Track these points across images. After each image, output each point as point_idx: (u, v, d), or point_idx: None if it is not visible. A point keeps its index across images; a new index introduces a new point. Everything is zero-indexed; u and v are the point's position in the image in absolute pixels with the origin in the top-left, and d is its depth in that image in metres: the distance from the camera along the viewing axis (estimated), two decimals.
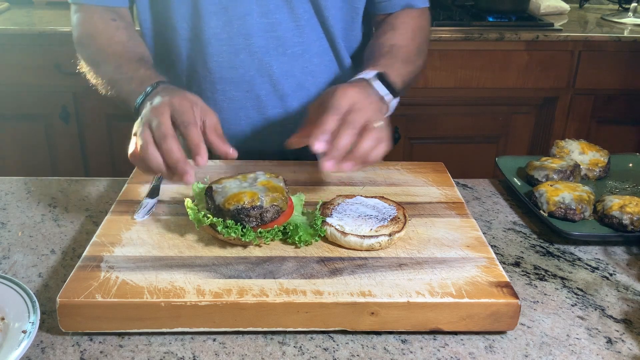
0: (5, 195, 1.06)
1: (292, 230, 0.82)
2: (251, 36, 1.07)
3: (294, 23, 1.08)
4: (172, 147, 0.77)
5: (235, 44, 1.07)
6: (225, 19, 1.06)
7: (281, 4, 1.06)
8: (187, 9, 1.06)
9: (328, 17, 1.10)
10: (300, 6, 1.07)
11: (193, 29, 1.08)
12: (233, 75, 1.11)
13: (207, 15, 1.05)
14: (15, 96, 2.22)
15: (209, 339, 0.73)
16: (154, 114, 0.80)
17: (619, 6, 2.53)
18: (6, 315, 0.72)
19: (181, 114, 0.80)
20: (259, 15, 1.06)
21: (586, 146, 1.14)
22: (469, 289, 0.74)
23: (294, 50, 1.10)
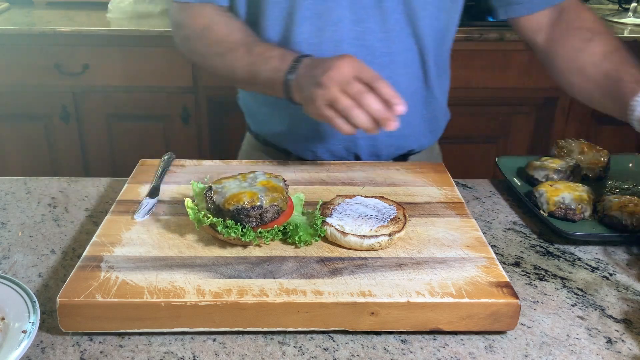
0: (5, 195, 1.06)
1: (292, 230, 0.82)
2: (341, 43, 1.07)
3: (384, 33, 1.07)
4: (371, 101, 0.86)
5: (325, 50, 1.06)
6: (318, 25, 1.06)
7: (373, 13, 1.05)
8: (280, 12, 1.07)
9: (421, 27, 1.08)
10: (392, 16, 1.06)
11: (284, 32, 1.08)
12: None
13: (300, 20, 1.05)
14: (15, 96, 2.22)
15: (209, 339, 0.73)
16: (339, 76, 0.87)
17: (619, 6, 2.53)
18: (6, 315, 0.72)
19: (365, 71, 0.88)
20: (351, 22, 1.05)
21: (586, 146, 1.14)
22: (469, 289, 0.74)
23: (382, 60, 1.09)
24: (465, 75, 2.20)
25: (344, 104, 0.87)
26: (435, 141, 1.29)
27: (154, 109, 2.29)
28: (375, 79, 0.88)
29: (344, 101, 0.87)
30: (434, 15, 1.08)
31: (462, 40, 2.13)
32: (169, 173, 1.04)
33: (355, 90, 0.87)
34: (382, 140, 1.15)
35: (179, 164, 1.08)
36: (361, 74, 0.88)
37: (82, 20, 2.25)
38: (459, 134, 2.32)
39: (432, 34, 1.11)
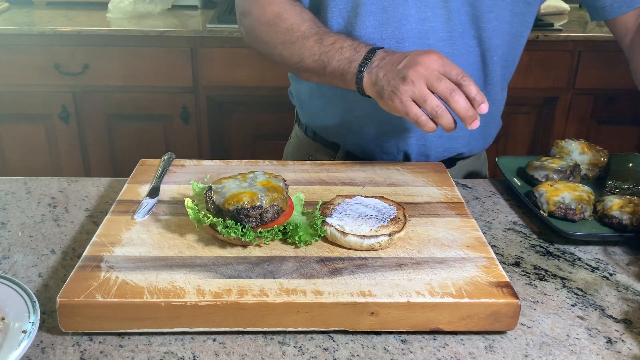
0: (5, 195, 1.06)
1: (292, 230, 0.82)
2: (404, 41, 1.06)
3: (447, 34, 1.07)
4: (461, 99, 0.86)
5: (387, 46, 1.05)
6: (382, 20, 1.05)
7: (439, 13, 1.05)
8: (345, 5, 1.06)
9: (487, 29, 1.07)
10: (457, 17, 1.06)
11: (347, 25, 1.08)
12: None
13: (364, 14, 1.05)
14: (15, 96, 2.22)
15: (209, 339, 0.73)
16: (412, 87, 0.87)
17: None
18: (6, 315, 0.72)
19: (452, 68, 0.88)
20: (416, 21, 1.05)
21: (586, 146, 1.14)
22: (469, 289, 0.74)
23: None
24: None
25: (433, 102, 0.87)
26: (484, 148, 1.29)
27: (154, 109, 2.29)
28: (462, 76, 0.87)
29: (433, 100, 0.87)
30: (502, 18, 1.07)
31: None
32: (169, 173, 1.04)
33: (444, 88, 0.87)
34: (433, 141, 1.15)
35: (179, 164, 1.08)
36: (448, 71, 0.88)
37: (82, 20, 2.25)
38: None
39: (499, 37, 1.09)
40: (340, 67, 0.98)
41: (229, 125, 2.35)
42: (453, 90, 0.86)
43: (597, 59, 2.22)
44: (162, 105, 2.28)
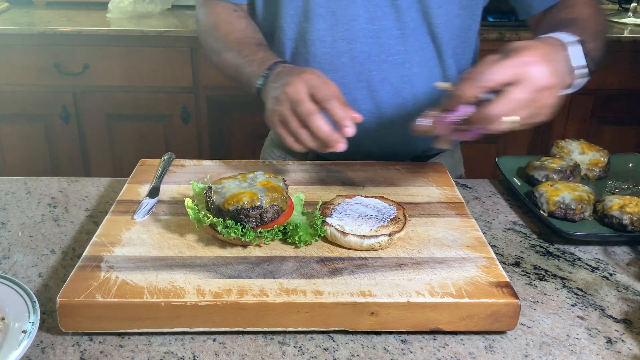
0: (5, 195, 1.06)
1: (292, 230, 0.82)
2: (355, 41, 1.07)
3: (399, 31, 1.07)
4: (319, 123, 0.84)
5: (338, 47, 1.08)
6: (332, 22, 1.06)
7: (388, 12, 1.06)
8: (295, 11, 1.08)
9: (438, 25, 1.07)
10: (408, 14, 1.06)
11: (300, 29, 1.09)
12: (332, 77, 1.10)
13: (314, 18, 1.07)
14: (15, 96, 2.22)
15: (209, 339, 0.73)
16: (292, 94, 0.86)
17: (619, 6, 2.53)
18: (6, 315, 0.72)
19: (319, 89, 0.86)
20: (365, 21, 1.06)
21: (586, 146, 1.14)
22: (469, 289, 0.74)
23: (395, 59, 1.09)
24: None
25: (293, 124, 0.87)
26: (456, 145, 1.29)
27: (154, 109, 2.29)
28: (328, 99, 0.85)
29: (293, 122, 0.87)
30: (452, 12, 1.08)
31: None
32: (169, 173, 1.04)
33: (304, 111, 0.85)
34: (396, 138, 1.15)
35: (179, 164, 1.08)
36: (315, 92, 0.86)
37: (82, 20, 2.25)
38: None
39: (450, 31, 1.10)
40: (248, 80, 1.00)
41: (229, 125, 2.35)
42: (311, 114, 0.85)
43: None
44: (162, 105, 2.28)
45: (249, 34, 1.10)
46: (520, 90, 0.74)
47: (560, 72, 0.78)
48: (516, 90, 0.74)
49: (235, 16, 1.13)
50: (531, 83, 0.74)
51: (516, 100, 0.74)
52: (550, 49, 0.80)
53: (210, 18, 1.15)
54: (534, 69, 0.74)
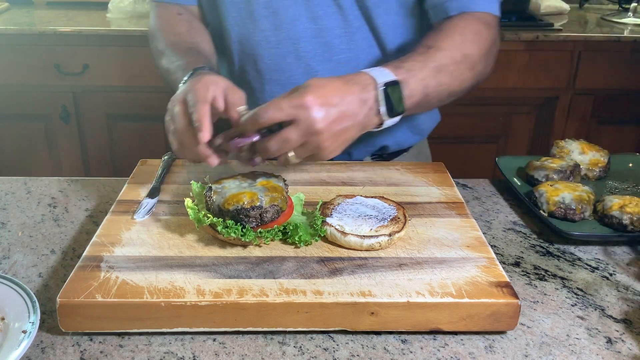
0: (5, 195, 1.06)
1: (292, 230, 0.82)
2: (299, 41, 1.07)
3: (343, 30, 1.07)
4: (184, 138, 0.81)
5: (284, 47, 1.08)
6: (276, 23, 1.06)
7: (331, 11, 1.05)
8: (239, 13, 1.08)
9: (379, 24, 1.07)
10: (351, 13, 1.06)
11: (244, 31, 1.09)
12: (280, 77, 1.11)
13: (258, 19, 1.07)
14: (15, 96, 2.22)
15: (209, 339, 0.73)
16: (173, 103, 0.84)
17: (619, 6, 2.53)
18: (6, 315, 0.72)
19: (191, 95, 0.81)
20: (308, 20, 1.06)
21: (586, 146, 1.14)
22: (469, 289, 0.74)
23: (341, 57, 1.09)
24: None
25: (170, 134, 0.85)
26: (417, 141, 1.27)
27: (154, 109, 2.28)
28: (193, 104, 0.80)
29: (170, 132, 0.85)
30: (390, 10, 1.07)
31: None
32: (169, 173, 1.04)
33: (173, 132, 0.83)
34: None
35: (179, 164, 1.07)
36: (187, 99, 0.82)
37: (82, 20, 2.25)
38: (459, 134, 2.33)
39: (392, 29, 1.09)
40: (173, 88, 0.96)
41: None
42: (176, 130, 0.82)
43: (597, 59, 2.22)
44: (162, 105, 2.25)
45: (185, 39, 1.07)
46: (292, 131, 0.76)
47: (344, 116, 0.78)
48: (289, 130, 0.76)
49: (177, 19, 1.11)
50: (303, 126, 0.76)
51: (287, 140, 0.77)
52: (344, 90, 0.79)
53: (156, 20, 1.13)
54: (309, 113, 0.75)
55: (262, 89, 1.14)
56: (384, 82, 0.82)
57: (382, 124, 0.84)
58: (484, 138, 2.35)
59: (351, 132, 0.80)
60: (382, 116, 0.82)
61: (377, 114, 0.82)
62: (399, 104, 0.83)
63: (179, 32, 1.09)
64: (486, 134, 2.35)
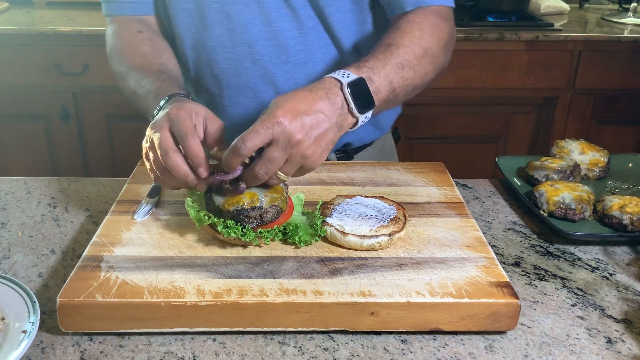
0: (5, 195, 1.06)
1: (292, 230, 0.82)
2: (254, 44, 1.07)
3: (297, 31, 1.07)
4: (175, 161, 0.78)
5: (239, 51, 1.08)
6: (229, 28, 1.06)
7: (284, 13, 1.05)
8: (191, 19, 1.07)
9: (333, 22, 1.07)
10: (304, 14, 1.06)
11: (198, 37, 1.09)
12: (238, 81, 1.11)
13: (211, 24, 1.06)
14: (15, 96, 2.22)
15: (209, 339, 0.73)
16: (154, 130, 0.81)
17: (619, 6, 2.53)
18: (6, 315, 0.72)
19: (178, 125, 0.79)
20: (262, 23, 1.05)
21: (586, 146, 1.14)
22: (469, 289, 0.74)
23: (297, 58, 1.09)
24: (465, 75, 2.20)
25: (151, 159, 0.82)
26: (380, 136, 1.26)
27: None
28: (183, 136, 0.79)
29: (150, 160, 0.82)
30: (344, 8, 1.07)
31: (462, 40, 2.14)
32: None
33: (161, 150, 0.79)
34: None
35: None
36: (173, 128, 0.80)
37: (82, 20, 2.25)
38: (459, 134, 2.33)
39: (346, 27, 1.09)
40: (144, 113, 0.96)
41: None
42: (166, 153, 0.78)
43: (597, 59, 2.22)
44: None
45: (151, 60, 1.04)
46: (274, 150, 0.77)
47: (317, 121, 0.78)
48: (271, 150, 0.77)
49: (139, 38, 1.08)
50: (283, 141, 0.76)
51: (273, 159, 0.77)
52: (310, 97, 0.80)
53: (114, 40, 1.10)
54: (284, 127, 0.76)
55: (221, 94, 1.13)
56: (348, 82, 0.83)
57: (358, 121, 0.85)
58: (484, 138, 2.35)
59: (329, 134, 0.80)
60: (355, 113, 0.83)
61: (350, 112, 0.83)
62: (368, 99, 0.84)
63: (144, 53, 1.06)
64: (486, 134, 2.35)
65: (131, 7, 1.11)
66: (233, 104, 1.14)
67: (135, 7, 1.11)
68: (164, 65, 1.04)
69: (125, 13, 1.11)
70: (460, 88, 2.22)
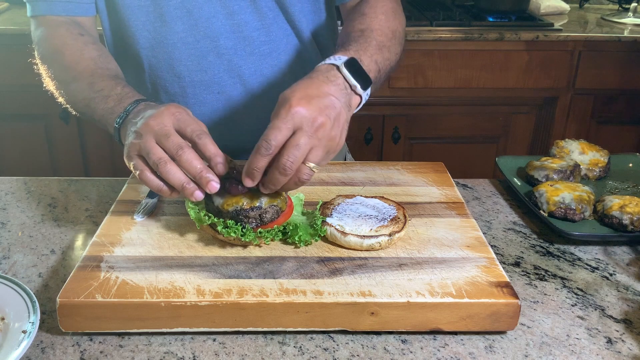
0: (5, 195, 1.06)
1: (292, 230, 0.82)
2: (218, 38, 1.06)
3: (260, 22, 1.07)
4: (170, 171, 0.75)
5: (202, 46, 1.07)
6: (191, 23, 1.05)
7: (245, 5, 1.05)
8: (147, 17, 1.05)
9: (294, 12, 1.09)
10: (265, 5, 1.06)
11: (155, 35, 1.07)
12: (203, 77, 1.10)
13: (171, 21, 1.05)
14: (15, 96, 2.22)
15: (209, 339, 0.73)
16: (139, 141, 0.77)
17: (619, 6, 2.53)
18: (6, 315, 0.72)
19: (189, 124, 0.78)
20: (224, 16, 1.05)
21: (586, 146, 1.14)
22: (469, 289, 0.74)
23: (262, 50, 1.09)
24: (465, 75, 2.20)
25: (155, 156, 0.76)
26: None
27: None
28: (198, 133, 0.77)
29: (156, 154, 0.76)
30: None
31: (462, 40, 2.14)
32: None
33: (172, 145, 0.76)
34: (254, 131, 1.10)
35: None
36: (182, 127, 0.78)
37: None
38: (459, 134, 2.33)
39: (306, 16, 1.11)
40: (104, 118, 0.90)
41: None
42: (181, 148, 0.76)
43: (597, 59, 2.22)
44: None
45: (101, 65, 0.98)
46: (300, 136, 0.74)
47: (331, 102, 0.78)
48: (296, 136, 0.75)
49: (82, 42, 1.01)
50: (307, 127, 0.75)
51: (299, 145, 0.74)
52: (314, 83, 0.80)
53: (52, 42, 1.01)
54: (304, 113, 0.75)
55: (183, 92, 1.12)
56: (343, 62, 0.83)
57: (362, 99, 0.85)
58: (484, 138, 2.35)
59: (343, 115, 0.80)
60: (358, 91, 0.83)
61: (353, 91, 0.83)
62: (365, 75, 0.85)
63: (92, 57, 0.99)
64: (486, 134, 2.35)
65: (66, 7, 1.04)
66: (198, 102, 1.12)
67: (71, 7, 1.04)
68: (116, 71, 0.99)
69: (58, 13, 1.03)
70: (460, 88, 2.22)
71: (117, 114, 0.86)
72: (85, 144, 2.32)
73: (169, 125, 0.77)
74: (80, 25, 1.06)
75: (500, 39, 2.14)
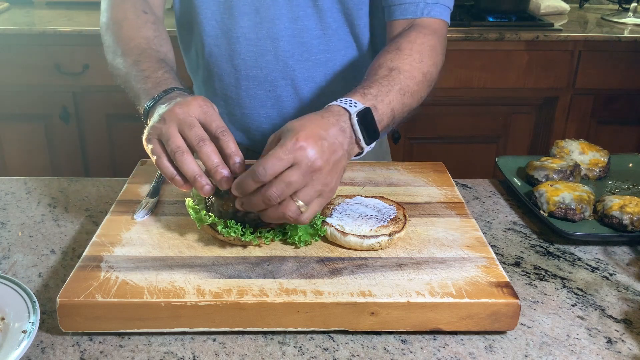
0: (5, 195, 1.06)
1: (292, 230, 0.82)
2: (278, 40, 1.08)
3: (321, 31, 1.09)
4: (186, 160, 0.76)
5: (263, 45, 1.09)
6: (256, 20, 1.07)
7: (311, 12, 1.07)
8: (218, 7, 1.08)
9: (359, 25, 1.09)
10: (330, 15, 1.08)
11: (222, 26, 1.09)
12: (257, 74, 1.12)
13: (238, 15, 1.07)
14: (15, 96, 2.22)
15: (209, 339, 0.73)
16: (162, 126, 0.79)
17: (619, 6, 2.53)
18: (6, 315, 0.72)
19: (213, 119, 0.78)
20: (288, 20, 1.07)
21: (586, 146, 1.14)
22: (469, 289, 0.74)
23: (319, 57, 1.10)
24: (465, 75, 2.20)
25: (174, 144, 0.77)
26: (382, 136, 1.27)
27: None
28: (222, 130, 0.78)
29: (175, 141, 0.77)
30: (372, 13, 1.09)
31: (462, 40, 2.14)
32: None
33: (194, 135, 0.77)
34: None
35: None
36: (208, 121, 0.79)
37: (82, 20, 2.25)
38: (459, 134, 2.33)
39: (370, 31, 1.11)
40: (138, 97, 0.91)
41: None
42: (203, 140, 0.77)
43: (597, 59, 2.22)
44: None
45: (153, 46, 1.00)
46: (294, 172, 0.73)
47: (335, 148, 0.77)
48: (290, 172, 0.73)
49: (143, 20, 1.03)
50: (305, 166, 0.73)
51: (291, 182, 0.73)
52: (324, 123, 0.78)
53: (115, 13, 1.04)
54: (306, 152, 0.73)
55: (237, 84, 1.14)
56: (357, 112, 0.80)
57: (363, 151, 0.83)
58: (484, 138, 2.35)
59: (343, 161, 0.79)
60: (361, 144, 0.81)
61: (356, 142, 0.81)
62: (374, 130, 0.83)
63: (147, 37, 1.01)
64: (486, 134, 2.35)
65: None
66: (249, 95, 1.15)
67: None
68: (165, 55, 1.01)
69: None
70: (460, 88, 2.22)
71: (152, 96, 0.87)
72: (85, 144, 2.32)
73: (194, 116, 0.78)
74: (147, 3, 1.08)
75: (501, 39, 2.14)
